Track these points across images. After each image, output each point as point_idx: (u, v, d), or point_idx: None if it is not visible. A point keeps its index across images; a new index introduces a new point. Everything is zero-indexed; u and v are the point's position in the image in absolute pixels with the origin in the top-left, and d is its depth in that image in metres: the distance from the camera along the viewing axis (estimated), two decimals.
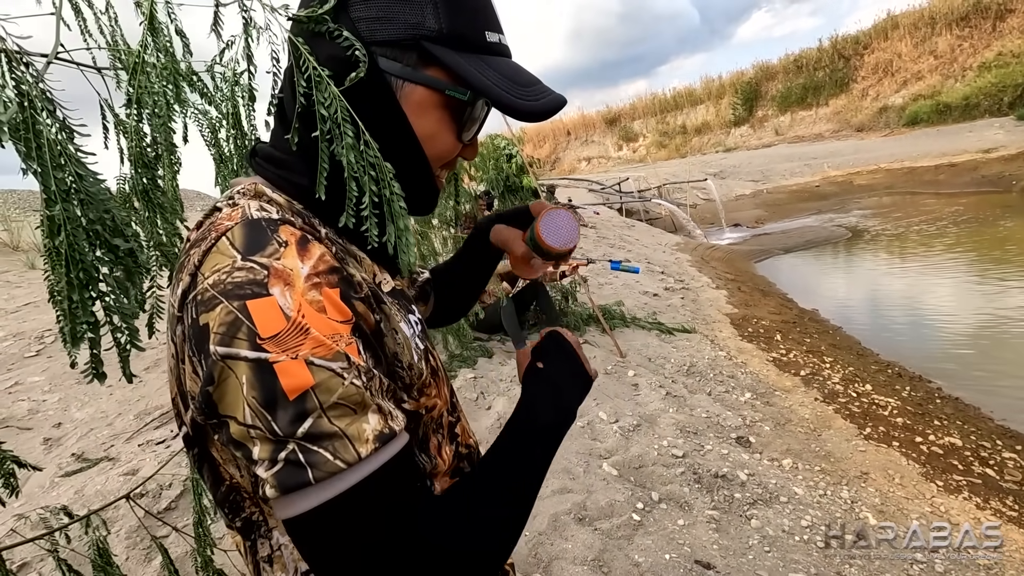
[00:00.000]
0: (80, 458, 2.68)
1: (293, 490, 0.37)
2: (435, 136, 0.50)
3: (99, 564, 0.95)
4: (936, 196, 12.17)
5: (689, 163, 21.09)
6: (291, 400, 0.36)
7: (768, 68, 28.29)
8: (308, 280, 0.40)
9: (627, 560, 1.97)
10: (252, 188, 0.50)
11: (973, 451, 3.05)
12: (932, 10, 22.87)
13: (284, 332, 0.37)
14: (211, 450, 0.45)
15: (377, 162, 0.46)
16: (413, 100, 0.48)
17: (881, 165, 15.39)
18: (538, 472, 0.53)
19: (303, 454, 0.37)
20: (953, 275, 6.76)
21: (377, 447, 0.39)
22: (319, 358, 0.38)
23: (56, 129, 0.40)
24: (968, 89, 18.44)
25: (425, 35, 0.46)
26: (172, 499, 2.19)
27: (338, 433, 0.37)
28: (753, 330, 5.02)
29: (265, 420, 0.36)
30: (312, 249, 0.42)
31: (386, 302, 0.50)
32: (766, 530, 2.17)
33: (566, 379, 0.61)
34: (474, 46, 0.48)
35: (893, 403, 3.57)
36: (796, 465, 2.71)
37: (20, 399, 3.46)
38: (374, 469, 0.39)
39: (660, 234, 11.03)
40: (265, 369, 0.36)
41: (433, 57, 0.46)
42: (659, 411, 3.15)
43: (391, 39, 0.46)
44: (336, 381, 0.38)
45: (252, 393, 0.36)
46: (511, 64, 0.52)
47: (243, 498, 0.47)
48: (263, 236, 0.41)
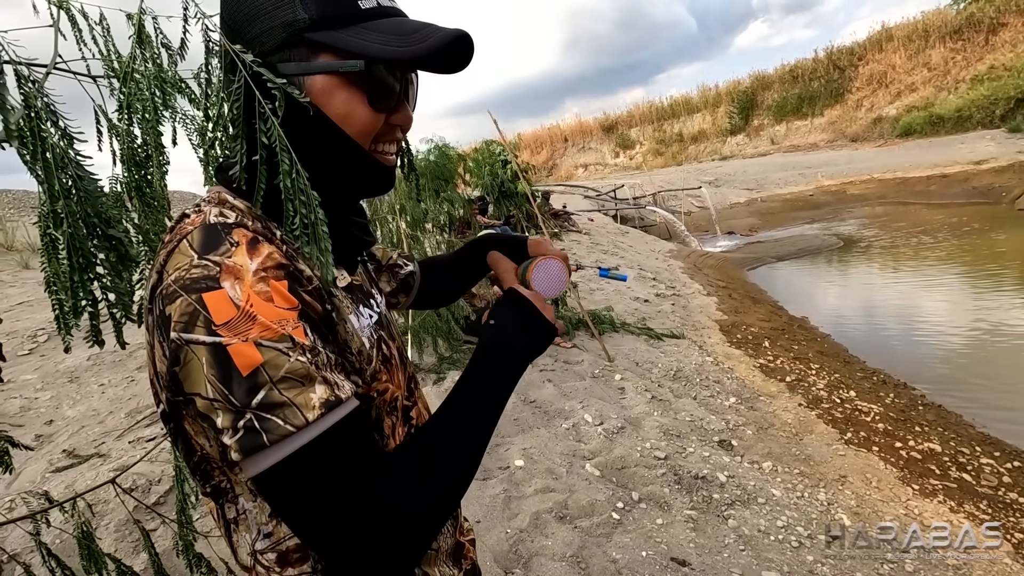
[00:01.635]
0: (71, 454, 2.72)
1: (253, 452, 0.43)
2: (349, 115, 0.54)
3: (84, 544, 1.00)
4: (927, 206, 12.31)
5: (685, 171, 21.25)
6: (244, 376, 0.42)
7: (764, 78, 28.54)
8: (256, 275, 0.46)
9: (605, 557, 2.02)
10: (216, 196, 0.56)
11: (952, 456, 3.11)
12: (926, 23, 23.16)
13: (235, 319, 0.43)
14: (184, 424, 0.51)
15: (306, 189, 0.51)
16: (317, 89, 0.52)
17: (874, 175, 15.54)
18: (483, 424, 0.55)
19: (258, 421, 0.42)
20: (942, 285, 6.85)
21: (323, 412, 0.44)
22: (266, 340, 0.43)
23: (58, 136, 0.46)
24: (961, 101, 18.65)
25: (301, 27, 0.50)
26: (161, 494, 2.23)
27: (287, 402, 0.43)
28: (742, 336, 5.09)
29: (224, 394, 0.42)
30: (261, 248, 0.48)
31: (337, 296, 0.57)
32: (742, 529, 2.22)
33: (515, 329, 0.62)
34: (351, 18, 0.51)
35: (876, 409, 3.63)
36: (776, 468, 2.77)
37: (12, 396, 3.48)
38: (322, 431, 0.44)
39: (654, 241, 11.11)
40: (220, 351, 0.42)
41: (317, 43, 0.51)
42: (644, 414, 3.20)
43: (277, 43, 0.51)
44: (283, 358, 0.44)
45: (211, 372, 0.42)
46: (395, 21, 0.54)
47: (212, 467, 0.53)
48: (217, 238, 0.48)
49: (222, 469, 0.53)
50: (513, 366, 0.60)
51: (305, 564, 0.55)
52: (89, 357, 4.02)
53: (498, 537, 2.13)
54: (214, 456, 0.52)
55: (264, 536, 0.54)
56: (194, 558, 1.20)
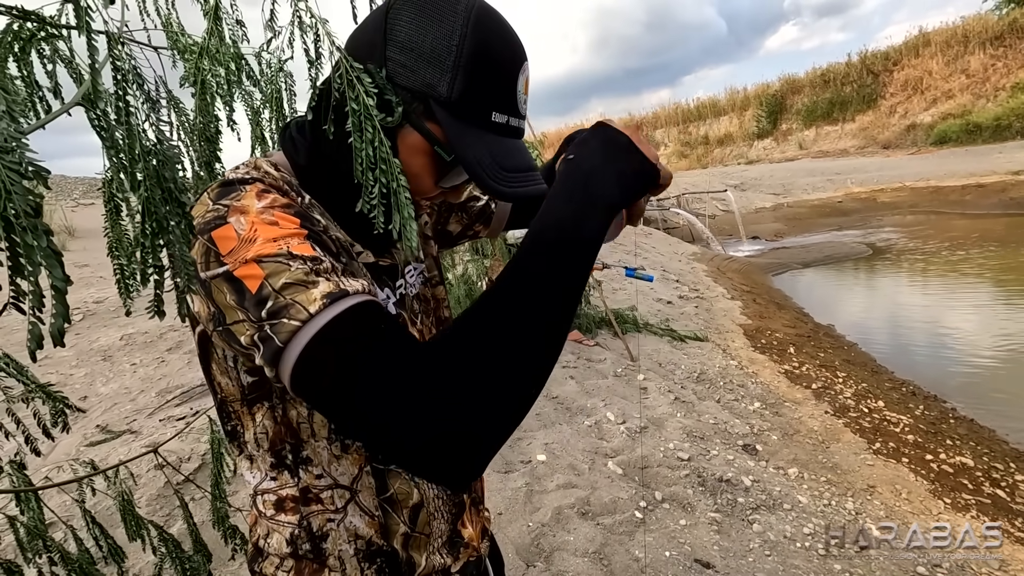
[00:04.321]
0: (104, 430, 2.79)
1: (275, 359, 0.44)
2: (415, 176, 0.57)
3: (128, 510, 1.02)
4: (962, 217, 11.96)
5: (710, 174, 20.97)
6: (253, 292, 0.45)
7: (794, 81, 28.01)
8: (262, 209, 0.49)
9: (627, 555, 2.00)
10: (253, 161, 0.59)
11: (985, 472, 3.02)
12: (966, 28, 22.50)
13: (237, 246, 0.46)
14: (211, 363, 0.55)
15: (388, 158, 0.51)
16: (407, 141, 0.55)
17: (906, 183, 15.15)
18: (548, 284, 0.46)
19: (270, 328, 0.44)
20: (975, 298, 6.66)
21: (326, 303, 0.44)
22: (266, 256, 0.46)
23: (142, 101, 0.47)
24: (1000, 110, 18.09)
25: (434, 96, 0.52)
26: (191, 471, 2.28)
27: (291, 303, 0.44)
28: (766, 342, 5.01)
29: (244, 311, 0.45)
30: (269, 196, 0.51)
31: (356, 260, 0.59)
32: (768, 535, 2.19)
33: (602, 164, 0.51)
34: (477, 120, 0.54)
35: (905, 420, 3.55)
36: (802, 475, 2.72)
37: (49, 372, 3.59)
38: (328, 319, 0.43)
39: (677, 243, 11.00)
40: (229, 276, 0.46)
41: (435, 115, 0.53)
42: (667, 415, 3.17)
43: (407, 86, 0.53)
44: (282, 268, 0.45)
45: (231, 297, 0.46)
46: (508, 145, 0.56)
47: (232, 410, 0.57)
48: (231, 187, 0.51)
49: (238, 412, 0.57)
50: (599, 198, 0.49)
51: (295, 515, 0.59)
52: (122, 337, 4.13)
53: (520, 530, 2.13)
54: (233, 394, 0.56)
55: (270, 479, 0.58)
56: (228, 530, 1.22)
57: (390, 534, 0.63)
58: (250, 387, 0.55)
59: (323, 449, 0.59)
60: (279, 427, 0.57)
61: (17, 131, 0.38)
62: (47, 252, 0.37)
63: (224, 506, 1.25)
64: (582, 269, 0.48)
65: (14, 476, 0.96)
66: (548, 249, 0.47)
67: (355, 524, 0.61)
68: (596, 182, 0.50)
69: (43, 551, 0.95)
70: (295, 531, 0.59)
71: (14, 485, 0.95)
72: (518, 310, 0.45)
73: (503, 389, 0.44)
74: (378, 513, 0.62)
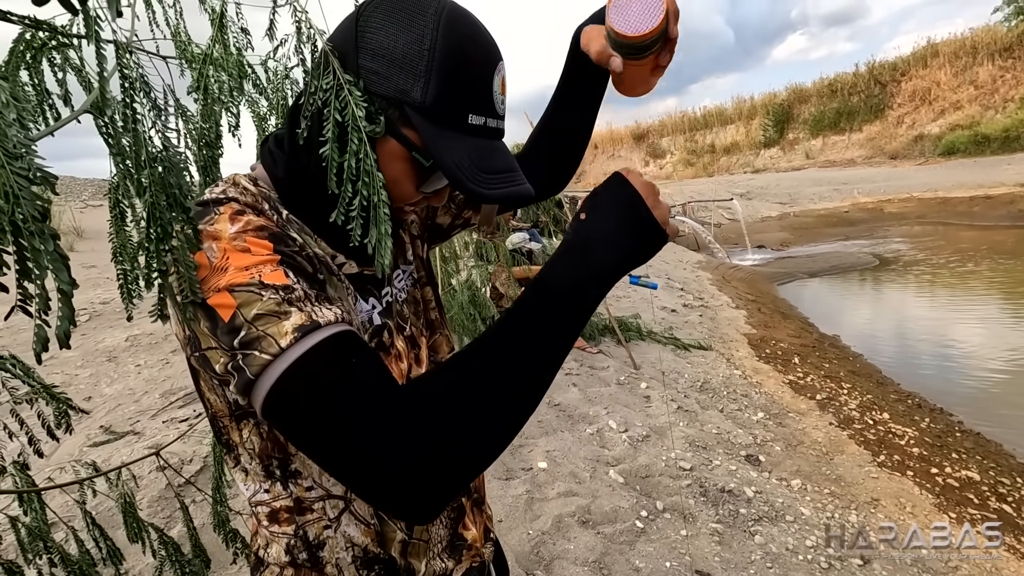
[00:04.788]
0: (107, 430, 2.81)
1: (247, 389, 0.45)
2: (396, 183, 0.56)
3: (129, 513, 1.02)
4: (969, 228, 11.90)
5: (716, 182, 20.96)
6: (226, 321, 0.45)
7: (801, 91, 28.04)
8: (234, 235, 0.49)
9: (627, 564, 1.99)
10: (232, 177, 0.58)
11: (991, 486, 2.99)
12: (974, 40, 22.47)
13: (209, 274, 0.47)
14: (201, 382, 0.55)
15: (372, 171, 0.51)
16: (385, 148, 0.54)
17: (913, 194, 15.10)
18: (549, 339, 0.48)
19: (242, 359, 0.44)
20: (983, 310, 6.60)
21: (297, 336, 0.44)
22: (238, 285, 0.46)
23: (148, 108, 0.48)
24: (1009, 121, 18.03)
25: (408, 101, 0.51)
26: (192, 474, 2.28)
27: (263, 335, 0.44)
28: (771, 351, 4.99)
29: (216, 340, 0.45)
30: (243, 218, 0.51)
31: (335, 274, 0.59)
32: (769, 547, 2.17)
33: (611, 225, 0.51)
34: (453, 123, 0.53)
35: (911, 433, 3.52)
36: (805, 486, 2.70)
37: (55, 372, 3.62)
38: (300, 354, 0.44)
39: (682, 251, 10.98)
40: (203, 305, 0.46)
41: (411, 120, 0.52)
42: (669, 423, 3.16)
43: (381, 93, 0.52)
44: (254, 298, 0.45)
45: (204, 324, 0.46)
46: (486, 147, 0.56)
47: (223, 425, 0.57)
48: (206, 210, 0.51)
49: (227, 426, 0.57)
50: (601, 270, 0.50)
51: (290, 526, 0.59)
52: (127, 338, 4.15)
53: (520, 538, 2.13)
54: (222, 410, 0.56)
55: (263, 491, 0.59)
56: (229, 533, 1.22)
57: (387, 542, 0.63)
58: (236, 404, 0.55)
59: (312, 462, 0.58)
60: (265, 443, 0.57)
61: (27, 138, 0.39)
62: (54, 256, 0.38)
63: (225, 510, 1.26)
64: (573, 331, 0.50)
65: (17, 477, 0.97)
66: (543, 309, 0.49)
67: (350, 533, 0.61)
68: (601, 254, 0.51)
69: (44, 552, 0.95)
70: (291, 541, 0.59)
71: (17, 486, 0.96)
72: (505, 362, 0.48)
73: (477, 435, 0.47)
74: (374, 521, 0.62)
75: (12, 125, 0.35)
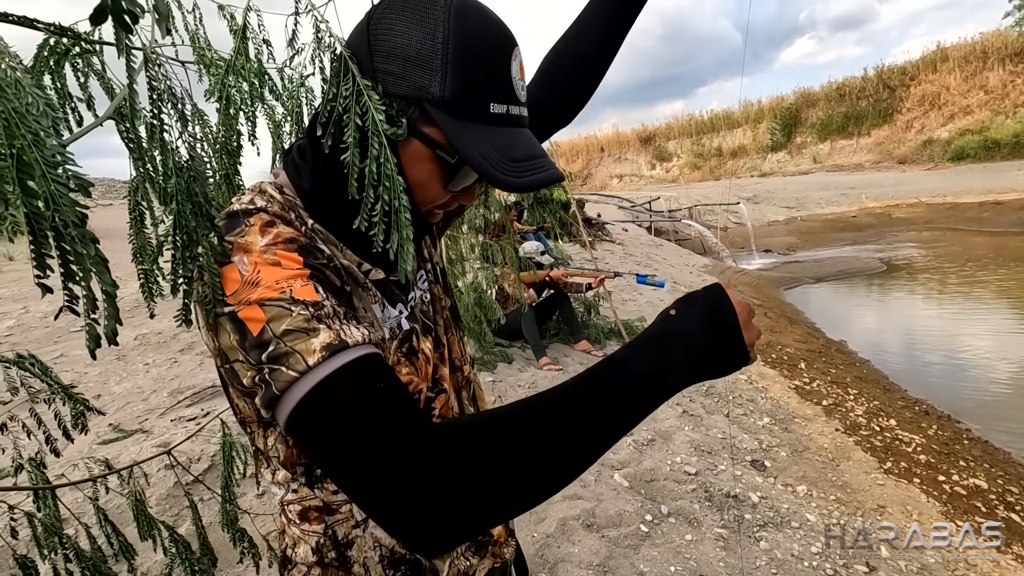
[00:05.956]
0: (116, 428, 2.83)
1: (272, 404, 0.45)
2: (422, 184, 0.55)
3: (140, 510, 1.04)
4: (978, 234, 11.82)
5: (722, 186, 20.91)
6: (255, 336, 0.46)
7: (809, 95, 27.96)
8: (265, 247, 0.49)
9: (632, 569, 1.99)
10: (258, 186, 0.59)
11: (999, 495, 2.97)
12: (985, 44, 22.34)
13: (240, 288, 0.47)
14: (230, 389, 0.56)
15: (392, 175, 0.51)
16: (409, 150, 0.53)
17: (922, 199, 15.01)
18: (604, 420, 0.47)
19: (269, 374, 0.45)
20: (992, 317, 6.56)
21: (325, 355, 0.45)
22: (269, 300, 0.46)
23: (176, 118, 0.49)
24: (1019, 126, 17.91)
25: (427, 98, 0.51)
26: (200, 472, 2.30)
27: (291, 351, 0.45)
28: (777, 356, 4.97)
29: (244, 353, 0.46)
30: (273, 229, 0.51)
31: (362, 283, 0.59)
32: (775, 552, 2.17)
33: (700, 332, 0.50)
34: (475, 116, 0.52)
35: (918, 440, 3.50)
36: (811, 492, 2.69)
37: (64, 370, 3.65)
38: (327, 373, 0.44)
39: (688, 255, 10.96)
40: (233, 317, 0.46)
41: (432, 118, 0.51)
42: (674, 428, 3.15)
43: (400, 94, 0.51)
44: (285, 313, 0.46)
45: (234, 337, 0.47)
46: (511, 135, 0.54)
47: (251, 430, 0.58)
48: (236, 221, 0.52)
49: (255, 432, 0.58)
50: (676, 372, 0.49)
51: (320, 525, 0.60)
52: (136, 337, 4.19)
53: (524, 540, 2.13)
54: (250, 415, 0.56)
55: (292, 492, 0.60)
56: (237, 533, 1.23)
57: None
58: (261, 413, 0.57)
59: None
60: (291, 450, 0.58)
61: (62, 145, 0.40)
62: (95, 259, 0.40)
63: (233, 508, 1.27)
64: (632, 422, 0.48)
65: (33, 474, 0.98)
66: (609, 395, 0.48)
67: (378, 535, 0.62)
68: (682, 356, 0.49)
69: (58, 547, 0.97)
70: (320, 540, 0.60)
71: (33, 483, 0.98)
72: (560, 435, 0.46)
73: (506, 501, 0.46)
74: None
75: (50, 135, 0.36)
